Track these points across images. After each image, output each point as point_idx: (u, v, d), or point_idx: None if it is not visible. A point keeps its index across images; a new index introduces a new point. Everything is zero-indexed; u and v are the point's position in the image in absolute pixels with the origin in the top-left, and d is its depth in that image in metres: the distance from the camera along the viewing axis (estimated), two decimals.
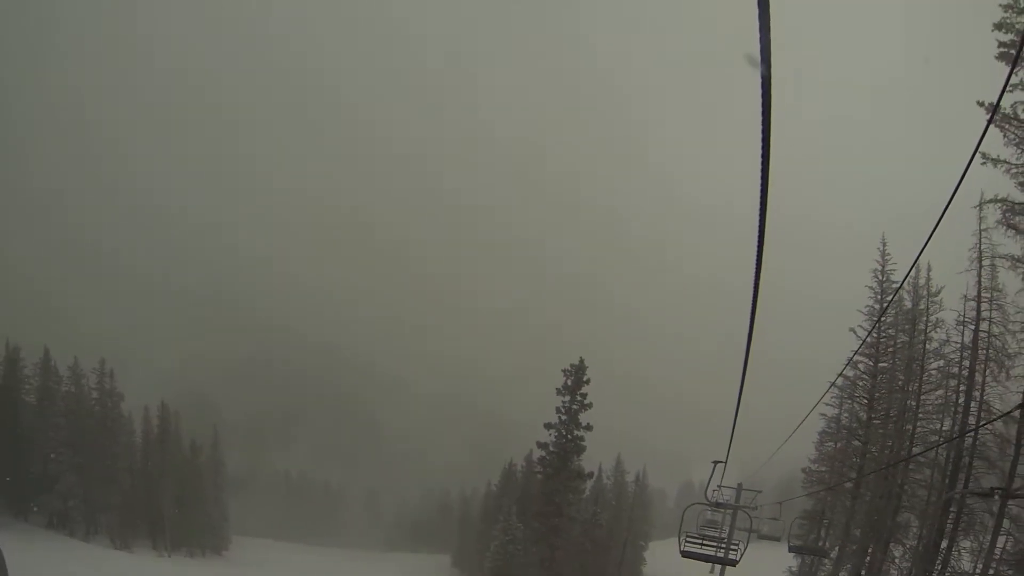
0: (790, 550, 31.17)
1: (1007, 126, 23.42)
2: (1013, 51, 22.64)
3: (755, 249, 5.39)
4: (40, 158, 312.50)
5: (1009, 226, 25.76)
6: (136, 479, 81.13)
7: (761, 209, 4.94)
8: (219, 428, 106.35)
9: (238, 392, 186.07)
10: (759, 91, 3.91)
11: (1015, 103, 22.86)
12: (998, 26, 23.82)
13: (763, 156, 4.27)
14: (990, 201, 25.95)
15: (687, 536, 25.73)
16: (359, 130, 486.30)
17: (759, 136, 4.09)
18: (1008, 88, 21.43)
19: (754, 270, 5.68)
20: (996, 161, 23.94)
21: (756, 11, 3.45)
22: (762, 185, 4.63)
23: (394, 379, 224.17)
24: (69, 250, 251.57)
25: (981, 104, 22.95)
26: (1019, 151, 23.86)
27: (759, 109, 3.96)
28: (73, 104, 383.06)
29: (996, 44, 23.60)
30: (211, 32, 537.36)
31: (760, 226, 5.12)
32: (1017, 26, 23.22)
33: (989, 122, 12.84)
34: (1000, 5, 23.85)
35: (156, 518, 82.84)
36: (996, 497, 27.23)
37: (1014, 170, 24.21)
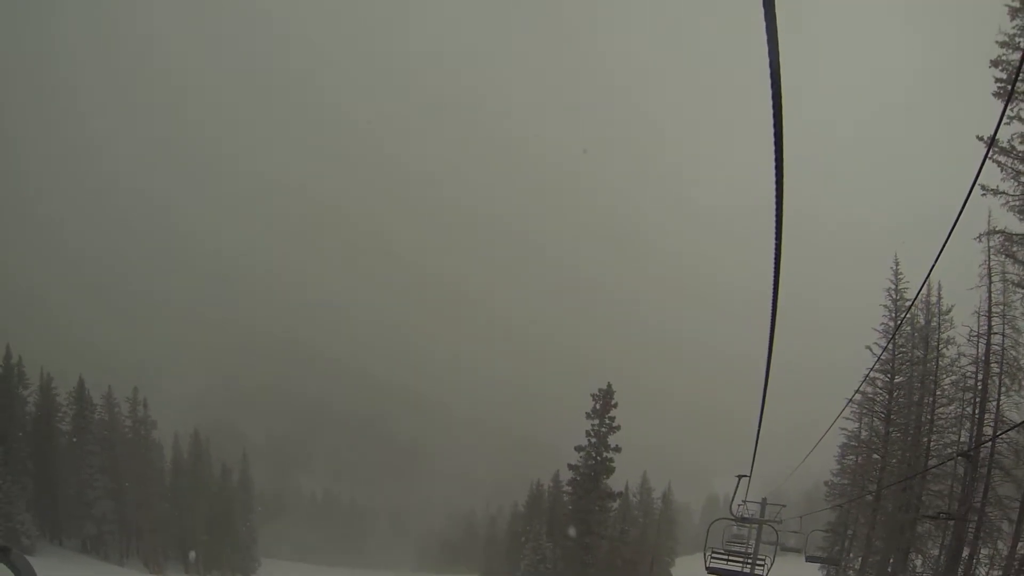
0: (807, 560, 31.66)
1: (1004, 159, 23.92)
2: (1009, 86, 23.03)
3: (772, 255, 5.26)
4: (37, 161, 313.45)
5: (1008, 255, 26.48)
6: (169, 504, 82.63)
7: (777, 218, 4.84)
8: (240, 451, 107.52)
9: (257, 414, 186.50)
10: (767, 95, 3.92)
11: (1013, 135, 23.37)
12: (995, 63, 24.26)
13: (776, 165, 4.25)
14: (989, 232, 26.60)
15: (713, 552, 25.08)
16: (360, 131, 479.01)
17: (770, 140, 4.08)
18: (1005, 121, 21.93)
19: (772, 279, 5.59)
20: (996, 192, 24.52)
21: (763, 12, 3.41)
22: (776, 193, 4.55)
23: (413, 397, 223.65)
24: (76, 271, 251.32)
25: (980, 139, 23.37)
26: (1016, 184, 24.40)
27: (769, 112, 3.95)
28: (71, 115, 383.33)
29: (993, 80, 24.01)
30: (207, 33, 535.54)
31: (777, 234, 5.01)
32: (1012, 62, 23.65)
33: (985, 157, 13.63)
34: (996, 42, 24.21)
35: (188, 542, 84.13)
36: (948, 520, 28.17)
37: (1012, 201, 24.79)
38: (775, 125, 3.95)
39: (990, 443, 30.67)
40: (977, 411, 32.94)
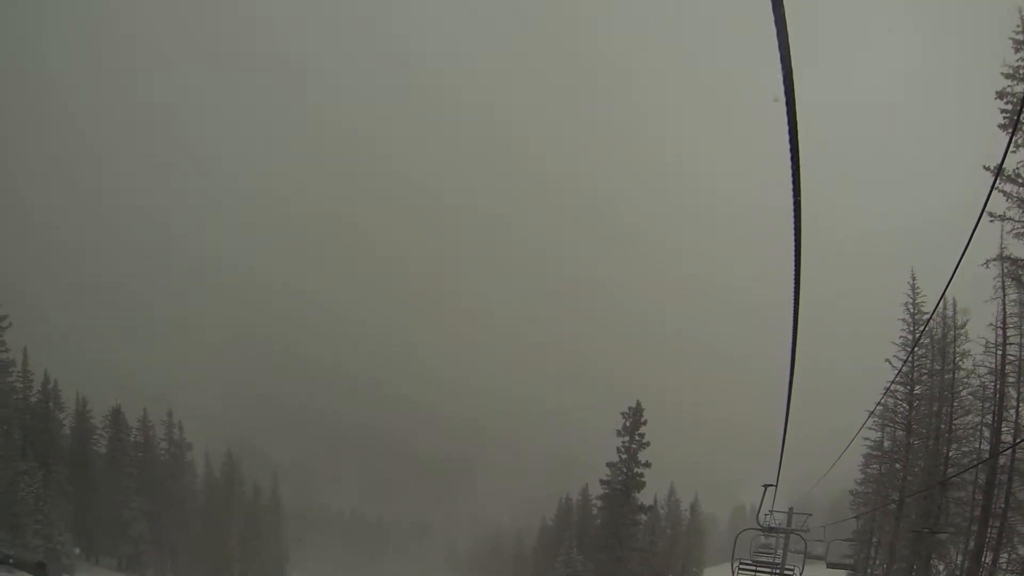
0: (828, 566, 32.26)
1: (1009, 188, 24.63)
2: (1014, 117, 23.69)
3: (783, 261, 5.29)
4: (34, 174, 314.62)
5: (1013, 279, 27.28)
6: (203, 523, 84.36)
7: (796, 225, 4.81)
8: (267, 470, 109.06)
9: (279, 432, 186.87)
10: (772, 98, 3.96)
11: (1019, 163, 24.06)
12: (1000, 95, 24.97)
13: (793, 173, 4.24)
14: (995, 259, 27.40)
15: (740, 562, 25.55)
16: (359, 135, 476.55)
17: (780, 140, 4.01)
18: (1012, 149, 22.69)
19: (793, 289, 5.60)
20: (1003, 218, 25.32)
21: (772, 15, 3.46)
22: (795, 200, 4.53)
23: (427, 409, 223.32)
24: (75, 283, 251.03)
25: (987, 168, 24.05)
26: (1022, 212, 25.11)
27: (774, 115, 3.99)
28: (65, 119, 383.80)
29: (999, 111, 24.64)
30: (206, 36, 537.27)
31: (796, 241, 5.03)
32: (1017, 93, 24.33)
33: (992, 187, 14.54)
34: (1002, 74, 24.89)
35: (222, 560, 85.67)
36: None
37: (1019, 228, 25.53)
38: (790, 132, 3.95)
39: (1009, 451, 31.49)
40: (995, 420, 33.72)
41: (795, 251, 5.14)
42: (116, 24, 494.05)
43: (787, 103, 3.82)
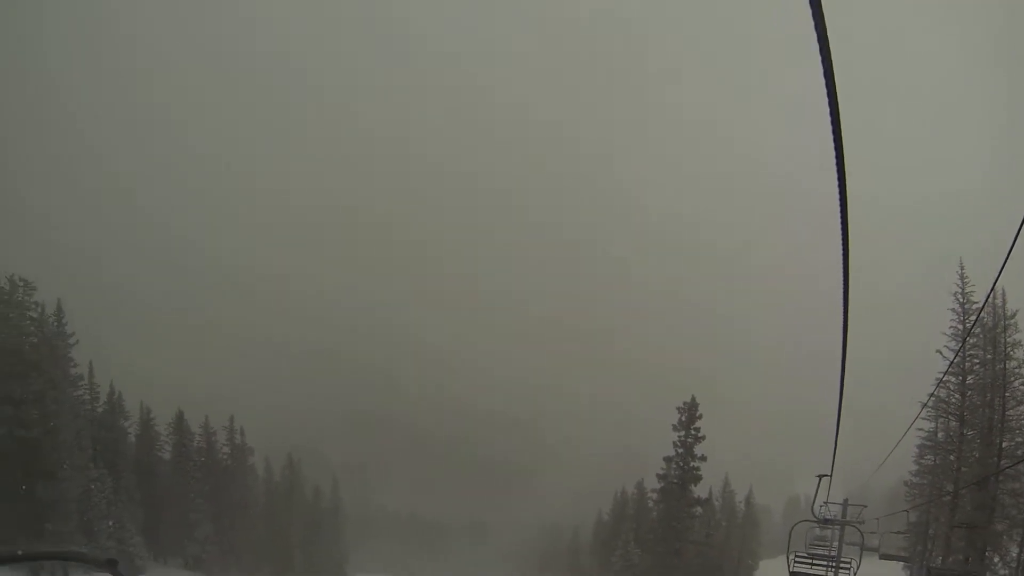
0: (881, 557, 32.22)
1: None
2: None
3: (840, 249, 4.98)
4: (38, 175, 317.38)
5: None
6: (266, 525, 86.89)
7: (842, 211, 4.56)
8: (323, 471, 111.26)
9: (328, 434, 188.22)
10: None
11: None
12: None
13: (837, 154, 4.09)
14: None
15: (796, 555, 25.36)
16: (372, 131, 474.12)
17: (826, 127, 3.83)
18: None
19: (842, 270, 5.33)
20: None
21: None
22: (840, 183, 4.33)
23: (477, 408, 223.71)
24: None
25: None
26: None
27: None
28: (64, 123, 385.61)
29: None
30: (207, 37, 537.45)
31: (843, 227, 4.72)
32: None
33: None
34: None
35: (284, 561, 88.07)
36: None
37: None
38: (833, 124, 3.79)
39: None
40: None
41: (843, 238, 4.83)
42: (116, 24, 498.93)
43: (827, 87, 3.60)
